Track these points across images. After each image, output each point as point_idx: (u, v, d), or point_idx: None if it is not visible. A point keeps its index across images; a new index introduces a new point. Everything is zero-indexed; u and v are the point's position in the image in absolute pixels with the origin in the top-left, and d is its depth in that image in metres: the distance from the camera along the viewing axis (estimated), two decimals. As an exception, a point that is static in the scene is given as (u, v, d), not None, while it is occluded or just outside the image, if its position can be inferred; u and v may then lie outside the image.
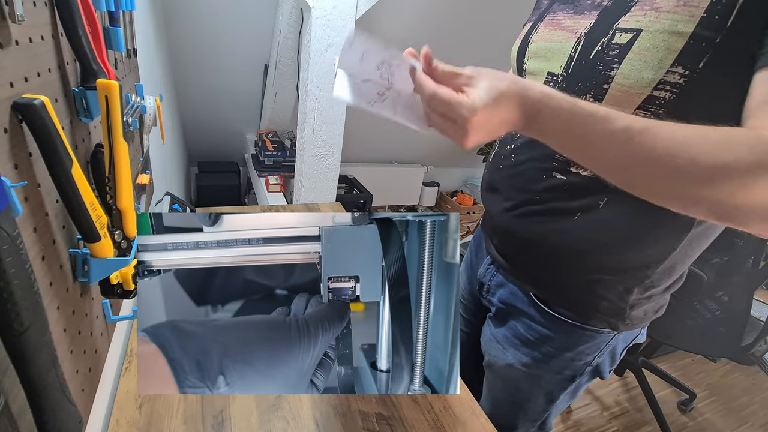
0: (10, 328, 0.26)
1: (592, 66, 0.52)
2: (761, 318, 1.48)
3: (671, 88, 0.46)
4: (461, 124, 0.39)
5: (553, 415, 0.78)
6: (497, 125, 0.41)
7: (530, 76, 0.62)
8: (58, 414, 0.31)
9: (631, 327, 0.64)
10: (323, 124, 1.39)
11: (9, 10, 0.29)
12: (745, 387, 1.94)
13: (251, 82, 2.31)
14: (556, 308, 0.65)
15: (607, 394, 1.80)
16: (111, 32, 0.55)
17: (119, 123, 0.40)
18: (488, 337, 0.78)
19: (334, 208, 1.29)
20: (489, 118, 0.39)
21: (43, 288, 0.35)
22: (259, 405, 0.60)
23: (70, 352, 0.41)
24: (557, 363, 0.68)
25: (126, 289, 0.48)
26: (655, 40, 0.46)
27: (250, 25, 2.03)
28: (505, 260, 0.70)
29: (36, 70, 0.35)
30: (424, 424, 0.61)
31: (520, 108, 0.41)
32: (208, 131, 2.50)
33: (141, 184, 0.74)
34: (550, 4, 0.61)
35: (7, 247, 0.25)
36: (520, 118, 0.41)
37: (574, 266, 0.61)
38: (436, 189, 3.35)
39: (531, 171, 0.61)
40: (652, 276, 0.59)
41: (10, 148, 0.30)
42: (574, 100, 0.41)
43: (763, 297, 1.96)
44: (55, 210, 0.38)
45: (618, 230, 0.55)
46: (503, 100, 0.40)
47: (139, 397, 0.59)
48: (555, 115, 0.41)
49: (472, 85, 0.40)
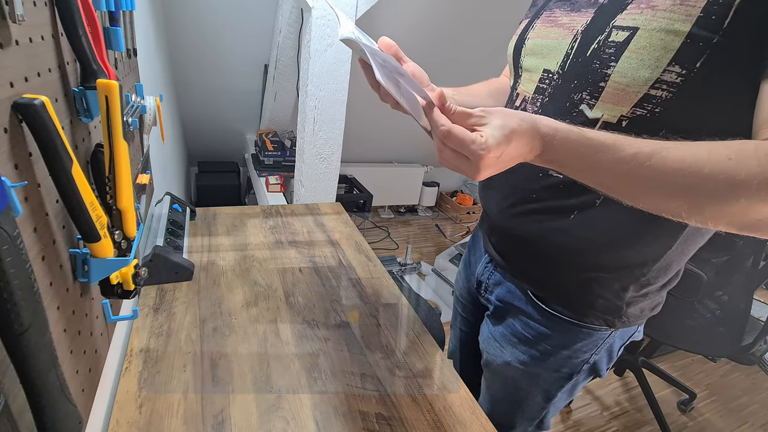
0: (10, 328, 0.26)
1: (588, 64, 0.52)
2: (761, 318, 1.48)
3: (668, 87, 0.46)
4: (474, 161, 0.41)
5: (551, 414, 0.79)
6: (508, 160, 0.43)
7: (526, 73, 0.62)
8: (58, 414, 0.31)
9: (627, 324, 0.65)
10: (323, 124, 1.39)
11: (9, 10, 0.29)
12: (745, 387, 1.94)
13: (251, 81, 2.31)
14: (553, 306, 0.65)
15: (607, 394, 1.80)
16: (111, 32, 0.55)
17: (119, 123, 0.40)
18: (486, 335, 0.78)
19: (334, 208, 1.29)
20: (501, 154, 0.41)
21: (43, 288, 0.35)
22: (259, 405, 0.60)
23: (70, 352, 0.41)
24: (555, 361, 0.68)
25: (126, 289, 0.48)
26: (651, 38, 0.46)
27: (250, 25, 2.03)
28: (502, 258, 0.71)
29: (36, 70, 0.35)
30: (424, 424, 0.61)
31: (531, 143, 0.43)
32: (208, 131, 2.50)
33: (141, 184, 0.74)
34: (547, 1, 0.62)
35: (7, 247, 0.25)
36: (530, 152, 0.43)
37: (571, 264, 0.61)
38: (436, 189, 3.35)
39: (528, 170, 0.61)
40: (648, 274, 0.59)
41: (10, 148, 0.30)
42: (581, 129, 0.43)
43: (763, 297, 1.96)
44: (55, 210, 0.38)
45: (614, 228, 0.56)
46: (515, 137, 0.41)
47: (139, 396, 0.59)
48: (564, 147, 0.43)
49: (484, 123, 0.42)
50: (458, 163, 0.42)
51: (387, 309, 0.85)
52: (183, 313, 0.75)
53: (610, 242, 0.57)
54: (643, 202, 0.43)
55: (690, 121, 0.47)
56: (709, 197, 0.39)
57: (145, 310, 0.74)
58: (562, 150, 0.43)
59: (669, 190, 0.40)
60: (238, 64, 2.19)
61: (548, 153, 0.44)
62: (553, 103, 0.57)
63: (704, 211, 0.40)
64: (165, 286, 0.81)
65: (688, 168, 0.39)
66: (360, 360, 0.71)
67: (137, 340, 0.68)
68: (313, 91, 1.32)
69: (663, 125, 0.48)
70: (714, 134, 0.43)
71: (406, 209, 3.36)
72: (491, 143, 0.40)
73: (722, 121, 0.46)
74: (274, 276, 0.90)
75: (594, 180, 0.44)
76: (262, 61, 2.24)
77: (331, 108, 1.38)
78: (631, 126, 0.50)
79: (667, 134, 0.48)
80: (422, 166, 3.24)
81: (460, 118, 0.43)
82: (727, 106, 0.45)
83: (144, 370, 0.63)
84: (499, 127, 0.41)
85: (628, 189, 0.43)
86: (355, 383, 0.66)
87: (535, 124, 0.43)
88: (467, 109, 0.43)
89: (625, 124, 0.50)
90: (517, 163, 0.44)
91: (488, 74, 0.86)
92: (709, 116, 0.46)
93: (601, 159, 0.42)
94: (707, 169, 0.38)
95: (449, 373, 0.72)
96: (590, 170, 0.43)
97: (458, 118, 0.43)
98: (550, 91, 0.58)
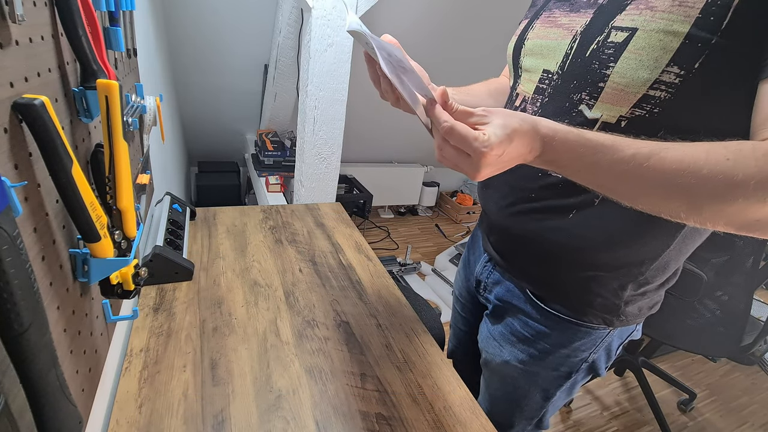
0: (10, 328, 0.26)
1: (588, 64, 0.52)
2: (761, 318, 1.48)
3: (667, 87, 0.46)
4: (475, 159, 0.41)
5: (550, 413, 0.79)
6: (508, 160, 0.43)
7: (526, 73, 0.62)
8: (58, 414, 0.31)
9: (626, 323, 0.65)
10: (323, 124, 1.39)
11: (9, 10, 0.29)
12: (745, 387, 1.94)
13: (251, 81, 2.31)
14: (551, 305, 0.65)
15: (607, 394, 1.80)
16: (111, 32, 0.55)
17: (119, 123, 0.40)
18: (485, 334, 0.78)
19: (334, 208, 1.29)
20: (502, 153, 0.41)
21: (43, 288, 0.35)
22: (259, 405, 0.60)
23: (70, 352, 0.41)
24: (553, 359, 0.68)
25: (126, 289, 0.48)
26: (650, 39, 0.46)
27: (250, 25, 2.03)
28: (501, 257, 0.71)
29: (36, 70, 0.35)
30: (424, 424, 0.61)
31: (531, 143, 0.43)
32: (208, 131, 2.50)
33: (141, 184, 0.74)
34: (546, 1, 0.62)
35: (7, 247, 0.25)
36: (530, 152, 0.44)
37: (570, 263, 0.61)
38: (436, 189, 3.35)
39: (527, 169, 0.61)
40: (646, 273, 0.59)
41: (10, 148, 0.30)
42: (579, 131, 0.43)
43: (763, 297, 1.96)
44: (55, 210, 0.38)
45: (613, 227, 0.56)
46: (516, 137, 0.42)
47: (139, 396, 0.59)
48: (564, 148, 0.43)
49: (486, 122, 0.42)
50: (459, 160, 0.42)
51: (387, 309, 0.85)
52: (183, 313, 0.75)
53: (608, 241, 0.57)
54: (641, 202, 0.44)
55: (688, 121, 0.47)
56: (707, 198, 0.39)
57: (145, 310, 0.74)
58: (561, 151, 0.43)
59: (667, 190, 0.41)
60: (238, 64, 2.19)
61: (548, 154, 0.44)
62: (552, 103, 0.57)
63: (703, 212, 0.40)
64: (165, 286, 0.81)
65: (686, 169, 0.39)
66: (360, 360, 0.71)
67: (137, 340, 0.68)
68: (313, 91, 1.32)
69: (662, 126, 0.48)
70: (712, 135, 0.44)
71: (406, 209, 3.36)
72: (494, 141, 0.40)
73: (720, 121, 0.46)
74: (274, 276, 0.90)
75: (593, 181, 0.45)
76: (262, 61, 2.24)
77: (331, 108, 1.38)
78: (630, 126, 0.50)
79: (665, 135, 0.49)
80: (422, 166, 3.24)
81: (462, 116, 0.43)
82: (726, 106, 0.45)
83: (144, 370, 0.63)
84: (501, 126, 0.41)
85: (627, 190, 0.43)
86: (355, 383, 0.66)
87: (536, 124, 0.43)
88: (468, 108, 0.44)
89: (624, 125, 0.50)
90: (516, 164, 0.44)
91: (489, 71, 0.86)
92: (707, 117, 0.47)
93: (599, 160, 0.42)
94: (705, 170, 0.38)
95: (449, 373, 0.72)
96: (589, 171, 0.44)
97: (460, 116, 0.43)
98: (550, 92, 0.58)
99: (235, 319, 0.76)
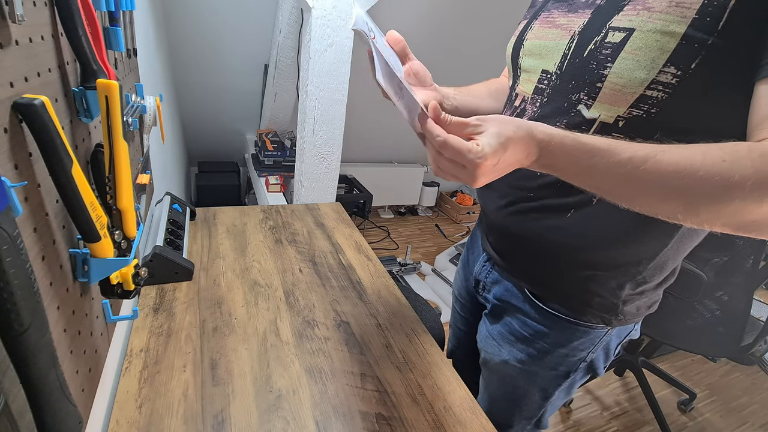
0: (10, 328, 0.26)
1: (585, 64, 0.52)
2: (761, 318, 1.48)
3: (664, 88, 0.46)
4: (471, 169, 0.41)
5: (549, 413, 0.79)
6: (505, 167, 0.43)
7: (525, 74, 0.62)
8: (58, 414, 0.31)
9: (624, 322, 0.65)
10: (323, 124, 1.39)
11: (9, 10, 0.29)
12: (745, 387, 1.94)
13: (251, 81, 2.31)
14: (550, 304, 0.65)
15: (607, 394, 1.80)
16: (111, 32, 0.55)
17: (119, 123, 0.40)
18: (484, 334, 0.78)
19: (334, 209, 1.29)
20: (497, 162, 0.42)
21: (43, 288, 0.35)
22: (259, 405, 0.60)
23: (70, 352, 0.41)
24: (552, 359, 0.68)
25: (126, 289, 0.48)
26: (647, 39, 0.46)
27: (250, 25, 2.03)
28: (500, 257, 0.71)
29: (36, 70, 0.35)
30: (424, 424, 0.61)
31: (527, 149, 0.43)
32: (208, 131, 2.50)
33: (141, 184, 0.74)
34: (545, 1, 0.62)
35: (7, 247, 0.25)
36: (527, 158, 0.44)
37: (568, 262, 0.61)
38: (435, 189, 3.35)
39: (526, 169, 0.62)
40: (644, 272, 0.59)
41: (10, 148, 0.30)
42: (576, 135, 0.43)
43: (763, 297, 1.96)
44: (55, 210, 0.38)
45: (610, 227, 0.56)
46: (510, 144, 0.42)
47: (139, 396, 0.59)
48: (560, 152, 0.43)
49: (481, 131, 0.42)
50: (455, 171, 0.43)
51: (387, 309, 0.85)
52: (183, 313, 0.75)
53: (606, 240, 0.57)
54: (639, 204, 0.44)
55: (685, 121, 0.48)
56: (704, 199, 0.39)
57: (145, 310, 0.74)
58: (558, 155, 0.43)
59: (664, 192, 0.41)
60: (238, 64, 2.19)
61: (544, 158, 0.44)
62: (551, 103, 0.57)
63: (700, 213, 0.40)
64: (165, 286, 0.81)
65: (683, 170, 0.39)
66: (360, 360, 0.71)
67: (137, 340, 0.68)
68: (313, 91, 1.32)
69: (659, 126, 0.49)
70: (709, 135, 0.44)
71: (406, 209, 3.36)
72: (487, 151, 0.40)
73: (717, 121, 0.46)
74: (274, 276, 0.90)
75: (590, 184, 0.45)
76: (262, 61, 2.24)
77: (331, 108, 1.38)
78: (628, 126, 0.50)
79: (662, 135, 0.49)
80: (422, 166, 3.23)
81: (457, 128, 0.44)
82: (722, 107, 0.45)
83: (144, 370, 0.63)
84: (495, 135, 0.41)
85: (624, 192, 0.44)
86: (355, 383, 0.66)
87: (531, 130, 0.43)
88: (463, 119, 0.44)
89: (621, 125, 0.51)
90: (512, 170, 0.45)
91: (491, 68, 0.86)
92: (704, 117, 0.47)
93: (596, 163, 0.42)
94: (702, 172, 0.38)
95: (449, 373, 0.72)
96: (586, 174, 0.44)
97: (455, 128, 0.44)
98: (549, 92, 0.58)
99: (235, 319, 0.76)
